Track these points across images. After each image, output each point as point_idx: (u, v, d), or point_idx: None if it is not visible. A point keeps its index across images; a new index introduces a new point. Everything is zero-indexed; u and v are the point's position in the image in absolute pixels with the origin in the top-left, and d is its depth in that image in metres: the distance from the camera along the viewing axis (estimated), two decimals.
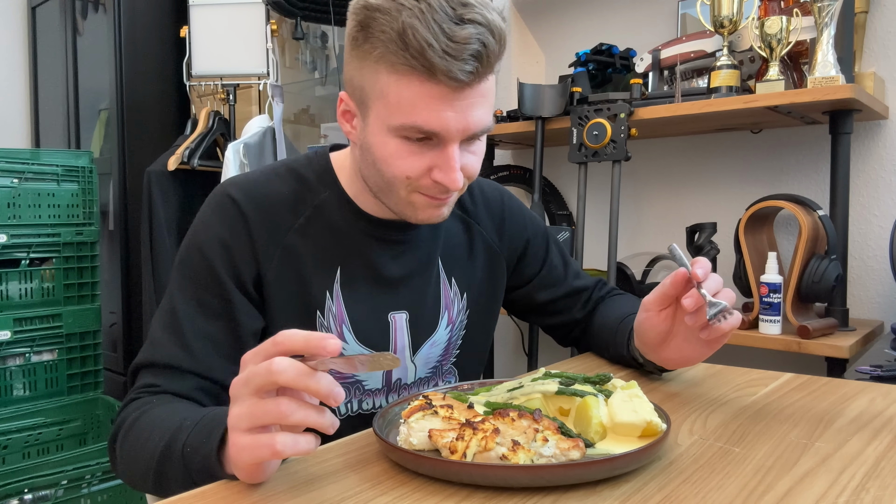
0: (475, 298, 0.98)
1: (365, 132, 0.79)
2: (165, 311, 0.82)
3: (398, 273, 0.90)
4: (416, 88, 0.72)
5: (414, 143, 0.76)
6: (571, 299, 1.08)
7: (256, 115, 2.23)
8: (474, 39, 0.70)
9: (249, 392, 0.55)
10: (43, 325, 1.97)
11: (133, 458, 0.71)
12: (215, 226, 0.83)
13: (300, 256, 0.85)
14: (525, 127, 1.89)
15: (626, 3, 2.05)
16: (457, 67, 0.70)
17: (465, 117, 0.74)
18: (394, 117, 0.74)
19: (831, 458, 0.62)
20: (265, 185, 0.86)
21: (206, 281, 0.81)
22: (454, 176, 0.76)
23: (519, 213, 1.05)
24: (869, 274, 1.67)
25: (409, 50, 0.70)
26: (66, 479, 1.97)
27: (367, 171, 0.82)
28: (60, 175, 2.03)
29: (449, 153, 0.75)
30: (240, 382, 0.57)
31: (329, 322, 0.86)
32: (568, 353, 1.83)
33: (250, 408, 0.55)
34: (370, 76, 0.74)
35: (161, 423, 0.69)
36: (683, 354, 0.84)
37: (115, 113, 2.55)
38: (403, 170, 0.77)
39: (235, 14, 2.13)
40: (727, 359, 1.80)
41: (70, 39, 2.80)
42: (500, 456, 0.57)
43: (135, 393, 0.78)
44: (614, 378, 0.72)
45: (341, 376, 0.86)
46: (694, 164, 1.93)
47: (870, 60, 1.64)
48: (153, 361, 0.79)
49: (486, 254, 1.00)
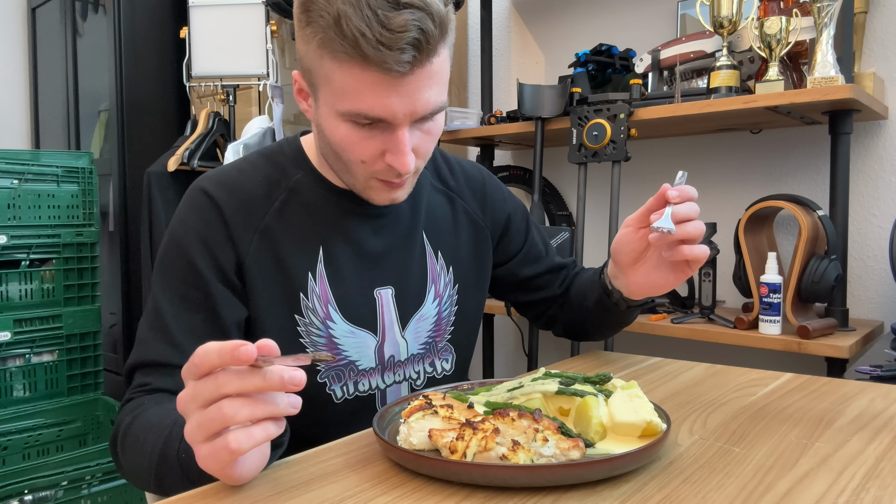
0: (462, 272, 0.98)
1: (318, 114, 0.78)
2: (150, 310, 0.81)
3: (380, 247, 0.89)
4: (357, 75, 0.70)
5: (363, 128, 0.74)
6: (553, 275, 1.08)
7: (256, 115, 2.24)
8: (411, 26, 0.67)
9: (197, 406, 0.55)
10: (43, 325, 1.97)
11: (133, 461, 0.71)
12: (191, 220, 0.82)
13: (278, 239, 0.84)
14: (525, 127, 1.89)
15: (626, 4, 2.05)
16: (392, 59, 0.67)
17: (411, 101, 0.72)
18: (339, 103, 0.73)
19: (831, 458, 0.62)
20: (237, 173, 0.86)
21: (186, 276, 0.80)
22: (405, 160, 0.75)
23: (499, 188, 1.05)
24: (869, 274, 1.67)
25: (345, 38, 0.67)
26: (66, 480, 1.97)
27: (325, 151, 0.83)
28: (60, 176, 2.03)
29: (398, 137, 0.74)
30: (186, 398, 0.55)
31: (314, 303, 0.85)
32: (568, 353, 1.83)
33: (198, 420, 0.54)
34: (315, 60, 0.73)
35: (153, 427, 0.69)
36: (650, 280, 0.89)
37: (115, 114, 2.55)
38: (357, 154, 0.77)
39: (235, 15, 2.13)
40: (727, 359, 1.80)
41: (70, 40, 2.80)
42: (500, 456, 0.57)
43: (130, 394, 0.78)
44: (614, 378, 0.72)
45: (336, 362, 0.86)
46: (694, 164, 1.93)
47: (869, 61, 1.64)
48: (143, 361, 0.79)
49: (470, 227, 1.00)
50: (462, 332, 0.98)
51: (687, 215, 0.80)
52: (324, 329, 0.85)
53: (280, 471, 0.62)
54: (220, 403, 0.53)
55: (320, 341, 0.85)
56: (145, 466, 0.68)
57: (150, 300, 0.82)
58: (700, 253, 0.80)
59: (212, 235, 0.81)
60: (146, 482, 0.69)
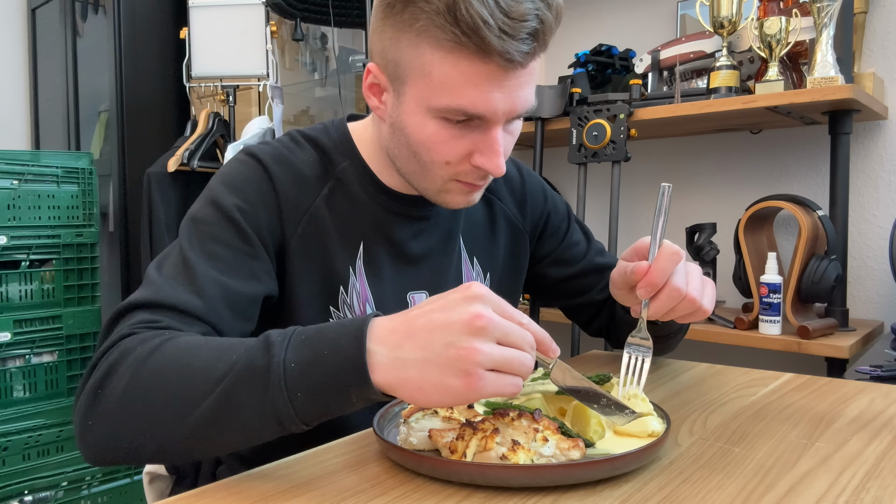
0: (498, 279, 0.94)
1: (399, 110, 0.73)
2: (170, 261, 0.71)
3: (419, 251, 0.86)
4: (464, 68, 0.66)
5: (454, 126, 0.70)
6: (591, 278, 1.00)
7: (256, 116, 2.24)
8: (532, 15, 0.64)
9: (498, 338, 0.54)
10: (43, 326, 1.97)
11: (156, 394, 0.58)
12: (239, 182, 0.76)
13: (325, 227, 0.80)
14: (525, 128, 1.89)
15: (626, 4, 2.05)
16: (513, 48, 0.64)
17: (512, 98, 0.69)
18: (437, 98, 0.68)
19: (831, 458, 0.62)
20: (289, 150, 0.81)
21: (225, 235, 0.73)
22: (498, 161, 0.71)
23: (538, 187, 1.00)
24: (869, 274, 1.67)
25: (459, 25, 0.63)
26: (66, 481, 1.97)
27: (399, 152, 0.76)
28: (60, 177, 2.03)
29: (493, 137, 0.70)
30: (492, 327, 0.54)
31: (352, 299, 0.81)
32: (568, 354, 1.83)
33: (503, 353, 0.54)
34: (409, 50, 0.68)
35: (215, 345, 0.59)
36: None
37: (115, 114, 2.55)
38: (443, 155, 0.72)
39: (235, 15, 2.13)
40: (727, 359, 1.80)
41: (70, 41, 2.80)
42: (499, 456, 0.57)
43: (128, 329, 0.64)
44: (614, 378, 0.72)
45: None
46: (694, 164, 1.93)
47: (869, 61, 1.65)
48: (155, 301, 0.67)
49: (508, 230, 0.95)
50: None
51: (666, 309, 0.74)
52: None
53: (280, 471, 0.62)
54: (519, 353, 0.55)
55: None
56: (191, 389, 0.56)
57: (171, 253, 0.72)
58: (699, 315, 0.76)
59: (262, 205, 0.76)
60: (170, 420, 0.57)
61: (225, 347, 0.59)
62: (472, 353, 0.53)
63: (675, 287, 0.73)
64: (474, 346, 0.53)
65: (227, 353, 0.58)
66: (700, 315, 0.76)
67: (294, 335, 0.57)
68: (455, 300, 0.55)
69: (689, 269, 0.76)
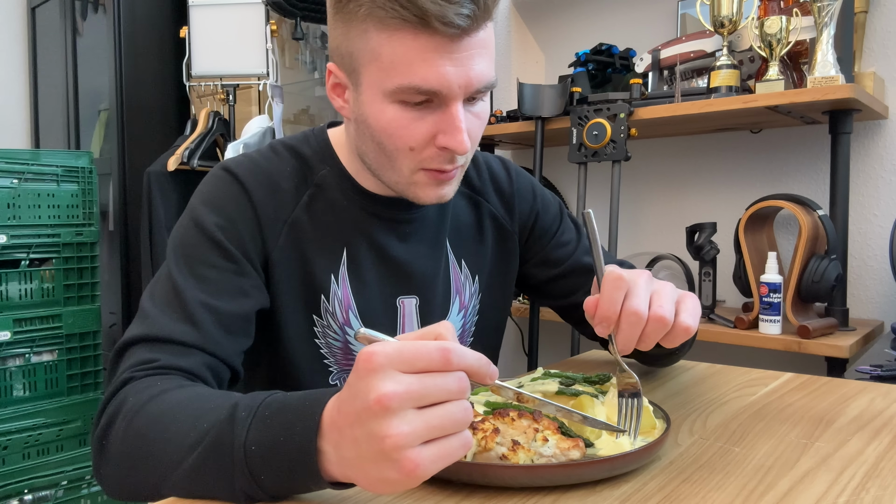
0: (487, 281, 0.93)
1: (358, 102, 0.73)
2: (161, 287, 0.73)
3: (405, 255, 0.85)
4: (409, 43, 0.66)
5: (413, 109, 0.70)
6: (577, 279, 0.96)
7: (256, 115, 2.24)
8: None
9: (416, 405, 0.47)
10: (43, 325, 1.96)
11: (143, 452, 0.59)
12: (217, 201, 0.77)
13: (305, 235, 0.80)
14: (525, 127, 1.89)
15: (626, 3, 2.05)
16: (452, 11, 0.64)
17: (465, 70, 0.68)
18: (389, 79, 0.68)
19: (831, 458, 0.62)
20: (266, 161, 0.81)
21: (210, 257, 0.74)
22: (461, 137, 0.70)
23: (528, 186, 0.98)
24: (869, 274, 1.67)
25: (399, 0, 0.65)
26: (66, 480, 1.97)
27: (366, 147, 0.77)
28: (60, 175, 2.03)
29: (452, 112, 0.69)
30: (401, 392, 0.46)
31: (334, 307, 0.82)
32: (568, 353, 1.83)
33: (426, 421, 0.47)
34: (358, 38, 0.69)
35: (192, 408, 0.59)
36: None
37: (115, 113, 2.55)
38: (406, 140, 0.72)
39: (235, 14, 2.13)
40: (727, 359, 1.80)
41: (70, 40, 2.80)
42: (499, 456, 0.57)
43: (128, 373, 0.66)
44: (614, 378, 0.72)
45: (346, 362, 0.83)
46: (694, 164, 1.93)
47: (869, 60, 1.64)
48: (150, 335, 0.68)
49: (496, 232, 0.94)
50: (480, 343, 0.93)
51: (633, 337, 0.65)
52: (341, 334, 0.83)
53: None
54: (448, 408, 0.48)
55: (337, 345, 0.83)
56: (168, 456, 0.57)
57: (162, 281, 0.74)
58: (680, 333, 0.66)
59: (241, 221, 0.77)
60: (157, 479, 0.57)
61: (201, 412, 0.58)
62: (390, 440, 0.46)
63: (632, 311, 0.64)
64: (390, 431, 0.46)
65: (201, 420, 0.57)
66: (681, 333, 0.66)
67: (259, 410, 0.54)
68: (354, 384, 0.48)
69: (655, 289, 0.67)
